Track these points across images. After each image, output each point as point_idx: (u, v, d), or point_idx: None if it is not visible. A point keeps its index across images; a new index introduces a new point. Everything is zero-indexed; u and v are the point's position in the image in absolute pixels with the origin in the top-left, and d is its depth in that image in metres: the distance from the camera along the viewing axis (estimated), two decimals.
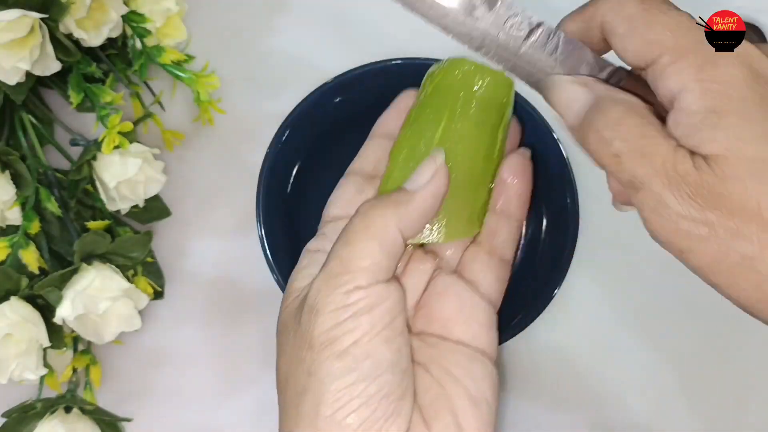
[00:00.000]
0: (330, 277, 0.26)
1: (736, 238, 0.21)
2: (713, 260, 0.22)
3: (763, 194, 0.21)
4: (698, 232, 0.22)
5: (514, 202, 0.32)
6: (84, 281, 0.34)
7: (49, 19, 0.34)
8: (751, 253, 0.21)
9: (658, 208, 0.22)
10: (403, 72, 0.37)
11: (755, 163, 0.21)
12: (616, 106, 0.24)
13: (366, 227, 0.27)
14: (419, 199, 0.28)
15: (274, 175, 0.37)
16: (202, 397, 0.40)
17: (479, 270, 0.31)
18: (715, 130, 0.21)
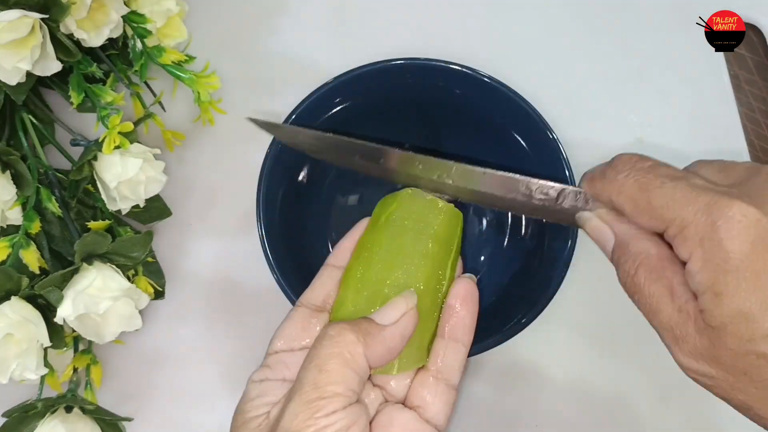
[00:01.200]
0: (306, 402, 0.27)
1: (734, 390, 0.25)
2: (722, 397, 0.25)
3: (750, 362, 0.23)
4: (703, 379, 0.25)
5: (461, 329, 0.32)
6: (85, 281, 0.34)
7: (49, 20, 0.34)
8: (749, 402, 0.24)
9: (670, 351, 0.26)
10: (403, 72, 0.37)
11: (744, 339, 0.23)
12: (628, 261, 0.27)
13: (338, 353, 0.28)
14: (388, 334, 0.29)
15: (274, 175, 0.37)
16: (202, 397, 0.40)
17: (426, 395, 0.31)
18: (714, 308, 0.24)
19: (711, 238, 0.24)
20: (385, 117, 0.40)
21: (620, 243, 0.28)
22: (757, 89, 0.46)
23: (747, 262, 0.23)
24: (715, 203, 0.24)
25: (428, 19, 0.46)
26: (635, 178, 0.27)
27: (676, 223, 0.25)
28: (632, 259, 0.27)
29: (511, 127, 0.38)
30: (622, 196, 0.27)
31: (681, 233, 0.25)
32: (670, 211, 0.25)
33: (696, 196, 0.25)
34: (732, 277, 0.23)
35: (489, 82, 0.37)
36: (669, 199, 0.26)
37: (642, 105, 0.45)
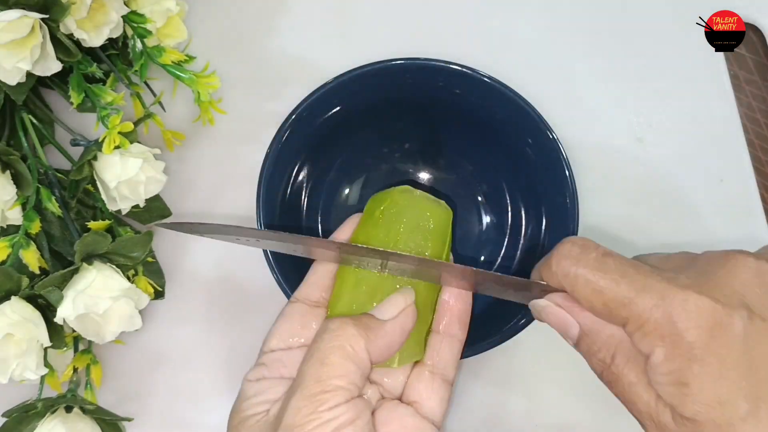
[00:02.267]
0: (309, 396, 0.27)
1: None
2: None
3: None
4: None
5: (456, 324, 0.32)
6: (85, 281, 0.34)
7: (49, 20, 0.34)
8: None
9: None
10: (403, 72, 0.37)
11: (721, 426, 0.23)
12: (602, 349, 0.27)
13: (340, 346, 0.28)
14: (388, 329, 0.29)
15: (274, 175, 0.37)
16: (202, 397, 0.40)
17: (422, 390, 0.31)
18: (684, 398, 0.24)
19: (670, 332, 0.24)
20: (385, 117, 0.40)
21: (588, 331, 0.28)
22: (757, 89, 0.46)
23: (709, 350, 0.24)
24: (670, 296, 0.25)
25: (428, 19, 0.46)
26: (584, 277, 0.27)
27: (633, 319, 0.25)
28: (606, 347, 0.27)
29: (511, 127, 0.38)
30: (576, 293, 0.27)
31: (640, 329, 0.25)
32: (625, 309, 0.25)
33: (648, 290, 0.25)
34: (697, 367, 0.24)
35: (489, 82, 0.37)
36: (623, 298, 0.25)
37: (642, 105, 0.45)
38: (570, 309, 0.28)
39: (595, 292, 0.26)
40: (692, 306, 0.24)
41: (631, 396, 0.26)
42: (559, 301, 0.29)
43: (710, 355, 0.24)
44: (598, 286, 0.26)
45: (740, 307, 0.24)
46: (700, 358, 0.24)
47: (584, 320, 0.28)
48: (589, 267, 0.27)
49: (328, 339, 0.28)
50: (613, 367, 0.27)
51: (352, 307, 0.31)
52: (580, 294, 0.27)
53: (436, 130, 0.41)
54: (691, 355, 0.24)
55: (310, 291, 0.33)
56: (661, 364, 0.25)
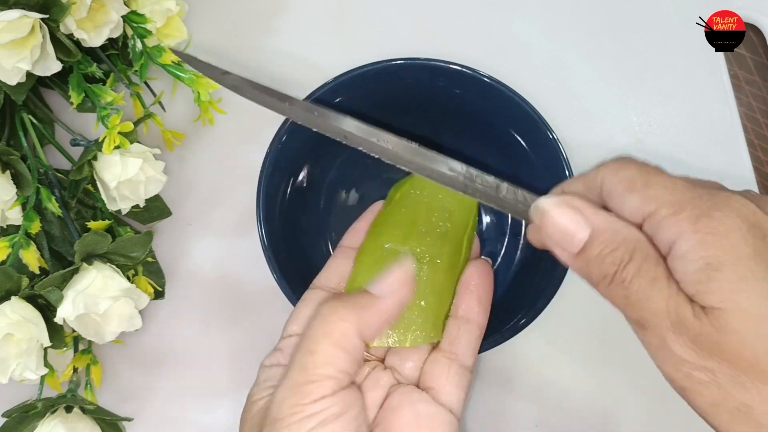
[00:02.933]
0: (294, 386, 0.25)
1: (735, 386, 0.22)
2: (713, 403, 0.22)
3: (760, 347, 0.21)
4: (699, 376, 0.22)
5: (476, 309, 0.31)
6: (85, 281, 0.34)
7: (49, 20, 0.34)
8: (749, 402, 0.22)
9: (662, 349, 0.23)
10: (403, 72, 0.37)
11: (751, 317, 0.21)
12: (619, 249, 0.24)
13: (327, 332, 0.26)
14: (382, 304, 0.28)
15: (274, 175, 0.37)
16: (202, 397, 0.40)
17: (439, 377, 0.30)
18: (711, 283, 0.22)
19: (708, 216, 0.22)
20: (385, 117, 0.40)
21: (604, 230, 0.25)
22: (757, 89, 0.46)
23: (745, 239, 0.22)
24: (715, 193, 0.23)
25: (428, 19, 0.46)
26: (635, 164, 0.25)
27: (672, 204, 0.23)
28: (625, 244, 0.24)
29: (511, 127, 0.38)
30: (618, 176, 0.25)
31: (674, 214, 0.23)
32: (667, 193, 0.24)
33: (693, 187, 0.24)
34: (733, 250, 0.22)
35: (489, 82, 0.37)
36: (670, 184, 0.24)
37: (642, 105, 0.45)
38: (583, 209, 0.25)
39: (641, 173, 0.24)
40: (735, 202, 0.23)
41: (648, 294, 0.23)
42: (571, 200, 0.25)
43: (747, 244, 0.22)
44: (648, 174, 0.24)
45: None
46: (736, 243, 0.22)
47: (599, 219, 0.25)
48: (638, 164, 0.25)
49: (317, 326, 0.27)
50: (630, 265, 0.24)
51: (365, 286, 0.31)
52: (625, 174, 0.25)
53: (436, 130, 0.41)
54: (728, 240, 0.22)
55: (329, 277, 0.32)
56: (692, 249, 0.22)
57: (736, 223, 0.22)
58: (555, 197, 0.26)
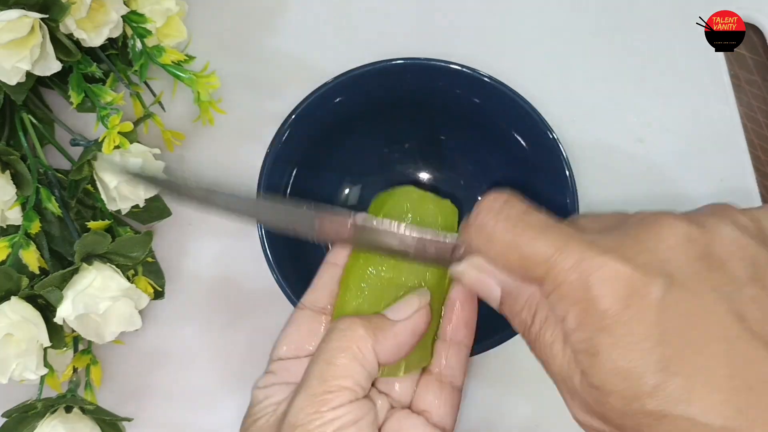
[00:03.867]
0: (312, 395, 0.26)
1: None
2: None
3: (640, 418, 0.22)
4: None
5: (462, 330, 0.32)
6: (84, 281, 0.34)
7: (49, 20, 0.34)
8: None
9: (565, 402, 0.26)
10: (403, 72, 0.37)
11: (627, 398, 0.22)
12: (523, 311, 0.26)
13: (346, 347, 0.27)
14: (399, 329, 0.29)
15: (274, 175, 0.37)
16: (202, 397, 0.40)
17: (432, 399, 0.30)
18: (592, 368, 0.23)
19: (585, 298, 0.23)
20: (385, 117, 0.40)
21: (508, 293, 0.27)
22: (757, 89, 0.46)
23: (621, 321, 0.23)
24: (587, 260, 0.23)
25: (428, 19, 0.46)
26: (503, 230, 0.26)
27: (550, 280, 0.24)
28: (527, 308, 0.26)
29: (511, 127, 0.38)
30: (491, 249, 0.26)
31: (555, 291, 0.24)
32: (542, 268, 0.24)
33: (567, 251, 0.24)
34: (607, 336, 0.23)
35: (489, 82, 0.37)
36: (540, 256, 0.24)
37: (642, 105, 0.45)
38: (490, 271, 0.27)
39: (511, 247, 0.25)
40: (609, 272, 0.23)
41: (549, 357, 0.25)
42: (478, 263, 0.27)
43: (621, 326, 0.23)
44: (516, 240, 0.25)
45: (660, 275, 0.23)
46: (610, 327, 0.23)
47: (505, 281, 0.27)
48: (509, 221, 0.26)
49: (336, 339, 0.28)
50: (533, 326, 0.26)
51: (358, 311, 0.31)
52: (497, 249, 0.26)
53: (436, 130, 0.41)
54: (603, 325, 0.23)
55: (317, 297, 0.32)
56: (574, 331, 0.24)
57: (612, 303, 0.23)
58: (464, 263, 0.28)
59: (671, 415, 0.22)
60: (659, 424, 0.22)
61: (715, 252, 0.24)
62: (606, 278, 0.23)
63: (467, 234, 0.27)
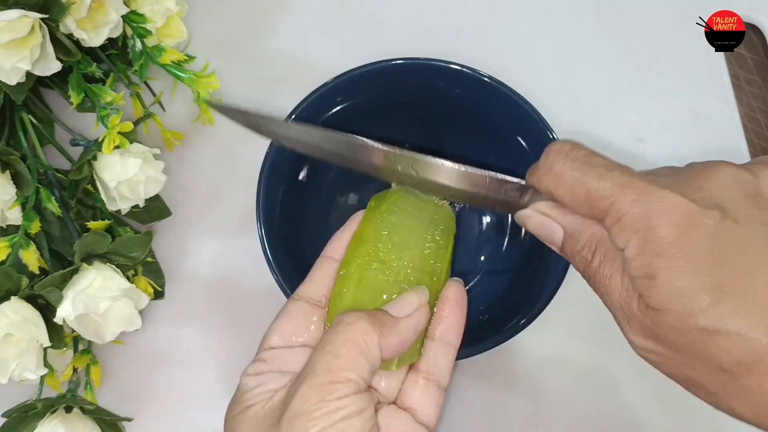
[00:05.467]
0: (318, 385, 0.27)
1: (681, 365, 0.25)
2: (670, 374, 0.26)
3: (693, 334, 0.24)
4: (652, 357, 0.26)
5: (452, 332, 0.32)
6: (84, 281, 0.34)
7: (49, 20, 0.34)
8: (696, 378, 0.25)
9: (625, 334, 0.27)
10: (403, 72, 0.37)
11: (683, 315, 0.24)
12: (585, 248, 0.28)
13: (353, 340, 0.28)
14: (402, 326, 0.29)
15: (274, 175, 0.37)
16: (202, 397, 0.40)
17: (418, 397, 0.31)
18: (650, 290, 0.25)
19: (645, 226, 0.25)
20: (385, 117, 0.40)
21: (571, 233, 0.28)
22: (757, 89, 0.46)
23: (678, 246, 0.24)
24: (648, 193, 0.25)
25: (428, 19, 0.46)
26: (571, 169, 0.27)
27: (613, 213, 0.26)
28: (588, 245, 0.28)
29: (511, 127, 0.38)
30: (559, 187, 0.28)
31: (618, 222, 0.26)
32: (606, 202, 0.26)
33: (630, 187, 0.26)
34: (665, 261, 0.25)
35: (489, 82, 0.37)
36: (605, 191, 0.26)
37: (642, 105, 0.45)
38: (554, 214, 0.29)
39: (579, 183, 0.27)
40: (668, 203, 0.25)
41: (607, 288, 0.27)
42: (542, 208, 0.29)
43: (678, 251, 0.24)
44: (583, 178, 0.27)
45: (714, 208, 0.25)
46: (668, 252, 0.25)
47: (567, 222, 0.29)
48: (577, 161, 0.27)
49: (343, 332, 0.28)
50: (593, 262, 0.27)
51: (355, 305, 0.31)
52: (564, 187, 0.27)
53: (436, 130, 0.41)
54: (661, 250, 0.25)
55: (313, 289, 0.33)
56: (634, 258, 0.25)
57: (670, 231, 0.25)
58: (529, 208, 0.30)
59: (722, 330, 0.23)
60: (711, 339, 0.24)
61: (762, 192, 0.26)
62: (665, 209, 0.25)
63: (536, 175, 0.29)
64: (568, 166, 0.28)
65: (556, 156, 0.28)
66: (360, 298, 0.32)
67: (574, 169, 0.27)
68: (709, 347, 0.24)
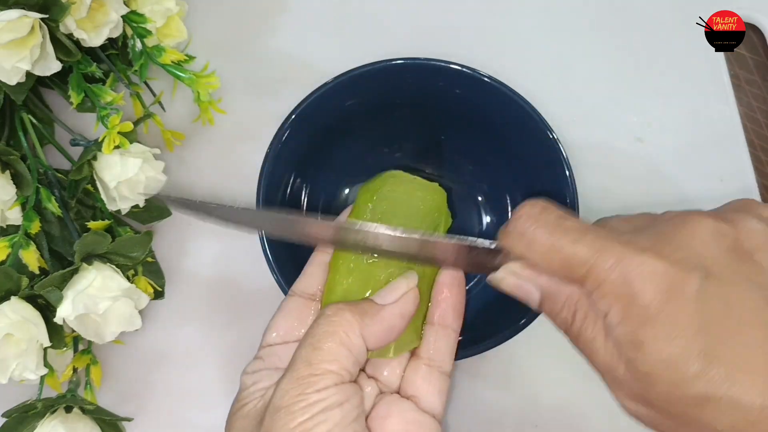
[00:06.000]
0: (298, 378, 0.26)
1: (676, 427, 0.25)
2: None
3: (686, 402, 0.24)
4: (644, 420, 0.26)
5: (451, 314, 0.32)
6: (84, 281, 0.34)
7: (49, 19, 0.34)
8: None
9: (612, 393, 0.27)
10: (403, 72, 0.37)
11: (673, 384, 0.24)
12: (563, 310, 0.27)
13: (333, 332, 0.28)
14: (387, 314, 0.29)
15: (274, 175, 0.37)
16: (202, 397, 0.40)
17: (421, 385, 0.31)
18: (637, 357, 0.24)
19: (627, 293, 0.25)
20: (385, 117, 0.40)
21: (548, 295, 0.28)
22: (757, 89, 0.46)
23: (663, 313, 0.24)
24: (627, 258, 0.25)
25: (428, 18, 0.46)
26: (543, 233, 0.27)
27: (591, 279, 0.26)
28: (567, 307, 0.27)
29: (511, 127, 0.38)
30: (533, 254, 0.27)
31: (598, 289, 0.25)
32: (584, 268, 0.26)
33: (606, 251, 0.25)
34: (651, 328, 0.24)
35: (489, 82, 0.37)
36: (582, 256, 0.26)
37: (642, 105, 0.45)
38: (528, 276, 0.28)
39: (553, 250, 0.26)
40: (648, 269, 0.24)
41: (591, 351, 0.27)
42: (515, 269, 0.28)
43: (664, 317, 0.24)
44: (557, 243, 0.26)
45: (696, 268, 0.25)
46: (653, 319, 0.24)
47: (543, 283, 0.28)
48: (548, 226, 0.27)
49: (323, 324, 0.28)
50: (574, 324, 0.27)
51: (346, 296, 0.31)
52: (537, 253, 0.27)
53: (436, 130, 0.41)
54: (646, 317, 0.24)
55: (307, 283, 0.33)
56: (618, 324, 0.25)
57: (653, 297, 0.24)
58: (501, 270, 0.29)
59: (714, 398, 0.23)
60: (703, 407, 0.23)
61: (743, 245, 0.26)
62: (646, 274, 0.24)
63: (507, 240, 0.28)
64: (540, 232, 0.27)
65: (526, 220, 0.27)
66: (351, 288, 0.31)
67: (546, 235, 0.27)
68: (701, 414, 0.24)
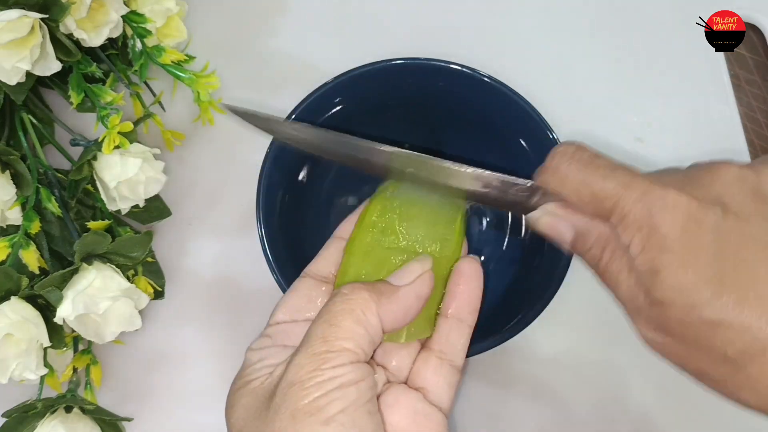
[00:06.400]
0: (313, 354, 0.27)
1: (690, 358, 0.26)
2: (679, 364, 0.27)
3: (698, 326, 0.25)
4: (660, 348, 0.27)
5: (466, 309, 0.32)
6: (84, 281, 0.34)
7: (49, 19, 0.34)
8: (704, 369, 0.26)
9: (632, 322, 0.28)
10: (403, 72, 0.37)
11: (686, 308, 0.25)
12: (594, 247, 0.29)
13: (350, 309, 0.28)
14: (402, 294, 0.29)
15: (274, 175, 0.37)
16: (202, 397, 0.40)
17: (430, 377, 0.31)
18: (654, 284, 0.26)
19: (648, 224, 0.26)
20: (385, 117, 0.40)
21: (580, 233, 0.29)
22: (757, 89, 0.46)
23: (680, 242, 0.25)
24: (651, 192, 0.26)
25: (428, 19, 0.46)
26: (576, 170, 0.28)
27: (617, 212, 0.27)
28: (596, 244, 0.28)
29: (511, 127, 0.38)
30: (566, 188, 0.28)
31: (622, 221, 0.27)
32: (611, 201, 0.27)
33: (633, 186, 0.27)
34: (667, 257, 0.25)
35: (489, 82, 0.37)
36: (609, 191, 0.27)
37: (642, 105, 0.45)
38: (563, 214, 0.29)
39: (584, 184, 0.28)
40: (670, 201, 0.26)
41: (616, 284, 0.28)
42: (551, 209, 0.30)
43: (680, 246, 0.25)
44: (588, 178, 0.28)
45: (716, 204, 0.26)
46: (670, 248, 0.25)
47: (576, 222, 0.29)
48: (581, 162, 0.28)
49: (339, 302, 0.28)
50: (602, 260, 0.28)
51: (360, 278, 0.31)
52: (569, 188, 0.28)
53: (436, 130, 0.41)
54: (664, 246, 0.25)
55: (320, 265, 0.33)
56: (639, 254, 0.26)
57: (672, 228, 0.25)
58: (538, 210, 0.30)
59: (725, 322, 0.24)
60: (715, 331, 0.24)
61: (764, 189, 0.27)
62: (667, 206, 0.26)
63: (543, 176, 0.29)
64: (573, 167, 0.28)
65: (561, 157, 0.29)
66: (365, 270, 0.31)
67: (579, 170, 0.28)
68: (713, 338, 0.25)
